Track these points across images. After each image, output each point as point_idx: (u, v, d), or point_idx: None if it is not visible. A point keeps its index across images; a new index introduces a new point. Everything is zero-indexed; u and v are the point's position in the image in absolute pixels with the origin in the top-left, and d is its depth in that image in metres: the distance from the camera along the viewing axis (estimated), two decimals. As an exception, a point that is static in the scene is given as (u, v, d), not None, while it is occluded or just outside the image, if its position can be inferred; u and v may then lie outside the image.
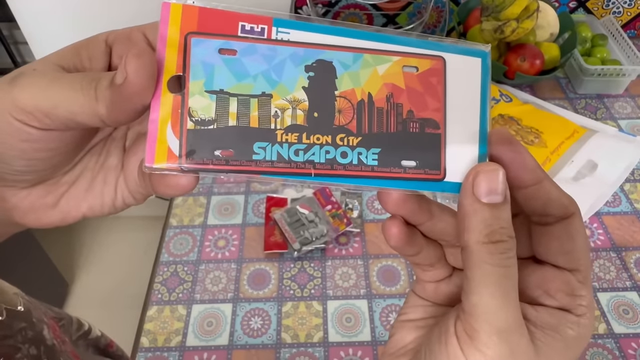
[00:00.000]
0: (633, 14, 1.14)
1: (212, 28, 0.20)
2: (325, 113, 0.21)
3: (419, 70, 0.22)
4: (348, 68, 0.21)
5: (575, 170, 0.84)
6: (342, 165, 0.21)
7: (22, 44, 1.43)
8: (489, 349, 0.19)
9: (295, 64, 0.20)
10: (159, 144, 0.19)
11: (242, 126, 0.20)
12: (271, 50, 0.20)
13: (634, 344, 0.67)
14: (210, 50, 0.20)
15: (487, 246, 0.20)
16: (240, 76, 0.20)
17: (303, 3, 1.13)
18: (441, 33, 1.15)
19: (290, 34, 0.20)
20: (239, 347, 0.68)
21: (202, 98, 0.20)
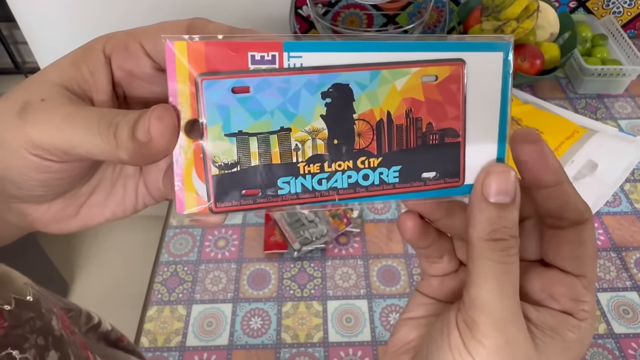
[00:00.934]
0: (633, 14, 1.14)
1: (221, 64, 0.19)
2: (345, 139, 0.21)
3: (438, 79, 0.21)
4: (365, 88, 0.20)
5: (576, 170, 0.83)
6: (365, 187, 0.21)
7: (22, 44, 1.43)
8: (486, 339, 0.20)
9: (311, 93, 0.20)
10: (187, 190, 0.20)
11: (264, 164, 0.20)
12: (285, 81, 0.20)
13: (634, 344, 0.67)
14: (223, 91, 0.19)
15: (489, 243, 0.20)
16: (257, 114, 0.20)
17: (303, 3, 1.13)
18: (441, 33, 1.15)
19: (302, 57, 0.19)
20: (239, 347, 0.68)
21: (222, 142, 0.20)
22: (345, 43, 0.19)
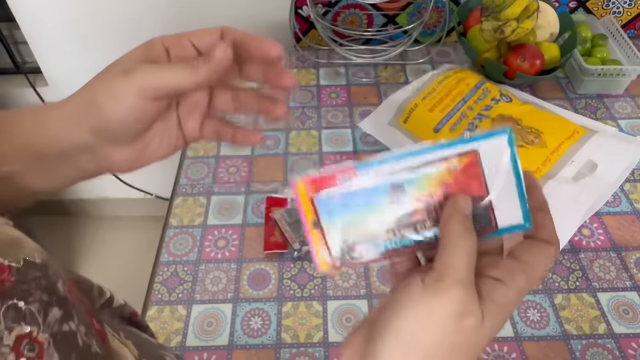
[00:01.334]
0: (633, 14, 1.14)
1: (323, 185, 0.30)
2: (406, 221, 0.31)
3: (460, 166, 0.29)
4: (413, 183, 0.30)
5: (576, 170, 0.83)
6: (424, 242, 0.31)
7: (22, 44, 1.42)
8: (451, 291, 0.27)
9: (379, 194, 0.30)
10: (320, 259, 0.31)
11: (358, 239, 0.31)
12: (362, 190, 0.30)
13: (634, 344, 0.67)
14: (328, 202, 0.30)
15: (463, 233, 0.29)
16: (350, 211, 0.30)
17: (303, 3, 1.13)
18: (441, 33, 1.15)
19: (369, 171, 0.30)
20: (239, 347, 0.68)
21: (333, 232, 0.30)
22: (394, 156, 0.30)
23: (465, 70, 1.04)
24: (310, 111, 1.03)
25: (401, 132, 0.95)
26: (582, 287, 0.74)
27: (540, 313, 0.71)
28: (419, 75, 1.07)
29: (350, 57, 1.13)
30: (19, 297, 0.23)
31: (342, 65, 1.15)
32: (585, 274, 0.75)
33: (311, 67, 1.15)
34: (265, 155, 0.94)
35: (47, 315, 0.25)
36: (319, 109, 1.04)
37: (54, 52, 1.34)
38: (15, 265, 0.24)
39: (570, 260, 0.77)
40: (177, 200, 0.88)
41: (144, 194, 1.73)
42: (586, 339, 0.68)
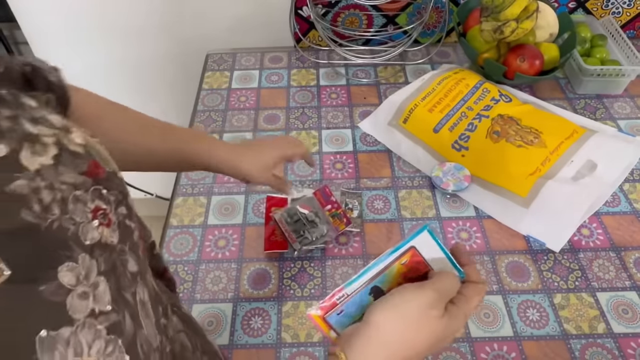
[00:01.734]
0: (632, 14, 1.15)
1: (329, 308, 0.43)
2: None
3: (408, 259, 0.44)
4: (384, 281, 0.44)
5: (575, 170, 0.84)
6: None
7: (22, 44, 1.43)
8: (429, 290, 0.41)
9: (365, 296, 0.43)
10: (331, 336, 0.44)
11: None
12: (352, 300, 0.43)
13: (633, 344, 0.67)
14: (334, 316, 0.43)
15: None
16: (349, 314, 0.44)
17: (303, 3, 1.13)
18: (441, 33, 1.16)
19: (353, 285, 0.43)
20: (239, 347, 0.69)
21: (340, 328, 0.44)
22: (366, 269, 0.43)
23: (465, 71, 1.04)
24: (310, 111, 1.04)
25: (401, 132, 0.95)
26: (581, 287, 0.74)
27: (540, 313, 0.71)
28: (419, 75, 1.07)
29: (350, 58, 1.13)
30: (104, 187, 0.33)
31: (342, 65, 1.15)
32: (585, 273, 0.75)
33: (311, 67, 1.15)
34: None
35: (118, 207, 0.34)
36: (319, 109, 1.04)
37: (55, 52, 1.34)
38: (107, 169, 0.34)
39: (569, 260, 0.77)
40: (178, 200, 0.88)
41: (145, 193, 1.73)
42: (585, 338, 0.68)
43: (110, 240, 0.32)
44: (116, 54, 1.33)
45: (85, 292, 0.29)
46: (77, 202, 0.30)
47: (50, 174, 0.30)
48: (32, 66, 0.43)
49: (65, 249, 0.29)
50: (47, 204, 0.29)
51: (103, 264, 0.31)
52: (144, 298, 0.35)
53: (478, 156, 0.88)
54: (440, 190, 0.86)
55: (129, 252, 0.34)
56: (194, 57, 1.26)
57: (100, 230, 0.31)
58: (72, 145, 0.32)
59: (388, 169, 0.92)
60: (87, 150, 0.33)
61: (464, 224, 0.82)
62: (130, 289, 0.33)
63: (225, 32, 1.27)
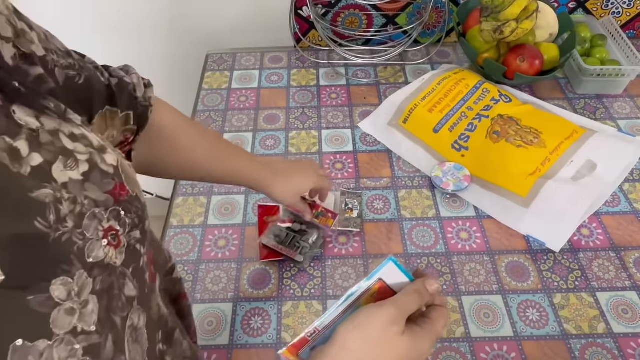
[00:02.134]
0: (632, 15, 1.15)
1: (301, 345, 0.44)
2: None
3: (376, 290, 0.45)
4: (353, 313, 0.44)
5: (575, 170, 0.84)
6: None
7: (22, 45, 1.43)
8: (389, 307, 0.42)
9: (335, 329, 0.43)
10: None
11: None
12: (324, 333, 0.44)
13: (633, 344, 0.68)
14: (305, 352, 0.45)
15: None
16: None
17: (303, 4, 1.13)
18: (441, 33, 1.16)
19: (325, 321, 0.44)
20: (239, 347, 0.69)
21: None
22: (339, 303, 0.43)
23: (465, 71, 1.04)
24: (310, 111, 1.04)
25: (401, 133, 0.95)
26: (581, 287, 0.74)
27: (540, 313, 0.71)
28: (419, 75, 1.07)
29: (350, 58, 1.13)
30: (123, 209, 0.35)
31: (342, 65, 1.15)
32: (585, 273, 0.76)
33: (311, 67, 1.15)
34: (266, 155, 0.95)
35: (132, 230, 0.35)
36: (319, 109, 1.04)
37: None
38: (131, 192, 0.36)
39: (569, 260, 0.77)
40: (178, 200, 0.88)
41: (145, 194, 1.73)
42: (585, 338, 0.68)
43: (113, 261, 0.33)
44: (116, 54, 1.33)
45: (72, 308, 0.29)
46: (94, 219, 0.32)
47: (76, 188, 0.31)
48: (119, 79, 0.45)
49: (65, 263, 0.29)
50: (64, 216, 0.30)
51: (99, 284, 0.31)
52: (137, 324, 0.35)
53: (478, 156, 0.88)
54: (440, 190, 0.86)
55: (129, 276, 0.35)
56: (194, 57, 1.26)
57: (107, 250, 0.32)
58: (104, 165, 0.34)
59: (388, 169, 0.92)
60: (117, 172, 0.35)
61: (464, 224, 0.82)
62: (121, 313, 0.33)
63: (225, 32, 1.27)
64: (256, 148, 0.96)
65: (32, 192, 0.29)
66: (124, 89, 0.47)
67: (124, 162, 0.37)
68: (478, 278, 0.75)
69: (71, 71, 0.40)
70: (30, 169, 0.29)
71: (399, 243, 0.80)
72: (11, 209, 0.28)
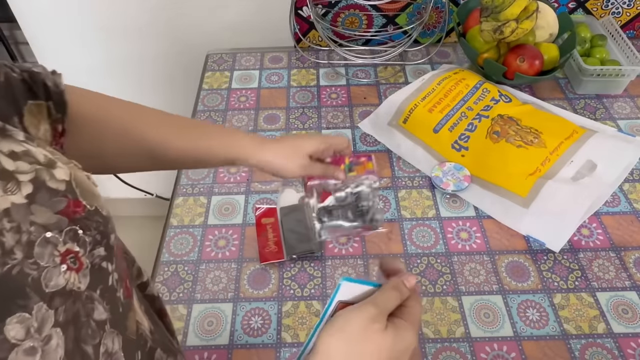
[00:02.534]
0: (632, 15, 1.15)
1: None
2: None
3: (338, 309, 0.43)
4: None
5: (575, 171, 0.84)
6: None
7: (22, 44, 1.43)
8: (369, 306, 0.41)
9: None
10: None
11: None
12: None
13: (633, 344, 0.68)
14: None
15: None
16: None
17: (303, 4, 1.13)
18: (441, 33, 1.16)
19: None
20: (239, 347, 0.69)
21: None
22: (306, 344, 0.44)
23: (465, 71, 1.04)
24: (310, 111, 1.04)
25: (401, 133, 0.95)
26: (581, 287, 0.74)
27: (540, 313, 0.71)
28: (419, 75, 1.07)
29: (350, 58, 1.13)
30: (81, 227, 0.32)
31: (342, 65, 1.15)
32: (585, 273, 0.76)
33: (311, 67, 1.15)
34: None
35: (94, 248, 0.32)
36: (319, 109, 1.04)
37: (55, 52, 1.34)
38: (88, 207, 0.33)
39: (569, 260, 0.77)
40: (178, 200, 0.88)
41: (145, 194, 1.73)
42: (585, 338, 0.68)
43: (77, 286, 0.30)
44: (116, 54, 1.34)
45: (32, 347, 0.26)
46: (47, 245, 0.29)
47: (20, 214, 0.28)
48: (29, 72, 0.42)
49: (20, 298, 0.27)
50: (10, 248, 0.27)
51: (62, 314, 0.29)
52: (112, 349, 0.33)
53: (478, 156, 0.88)
54: (440, 190, 0.86)
55: (97, 299, 0.32)
56: (194, 57, 1.26)
57: (67, 276, 0.29)
58: (52, 182, 0.31)
59: (388, 169, 0.92)
60: (69, 187, 0.32)
61: (464, 224, 0.82)
62: (92, 341, 0.31)
63: (225, 32, 1.27)
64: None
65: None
66: (37, 79, 0.43)
67: (79, 175, 0.34)
68: (478, 278, 0.75)
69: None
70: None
71: (399, 243, 0.80)
72: None
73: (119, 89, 1.40)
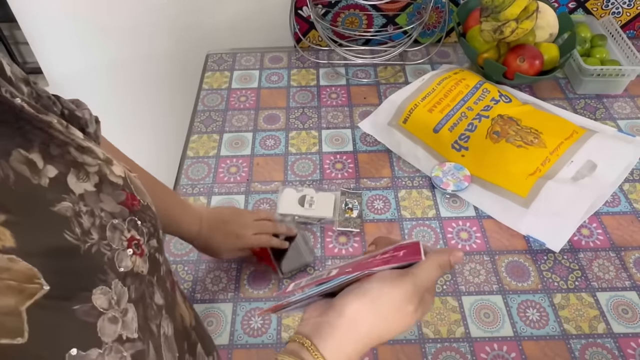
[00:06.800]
0: (632, 15, 1.15)
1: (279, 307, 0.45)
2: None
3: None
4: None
5: (575, 171, 0.84)
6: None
7: (22, 44, 1.43)
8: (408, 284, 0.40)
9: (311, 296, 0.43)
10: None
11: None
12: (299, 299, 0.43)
13: (633, 344, 0.68)
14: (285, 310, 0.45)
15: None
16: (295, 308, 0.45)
17: (303, 4, 1.13)
18: (441, 33, 1.16)
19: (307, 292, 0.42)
20: (239, 347, 0.69)
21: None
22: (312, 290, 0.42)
23: (465, 71, 1.04)
24: (310, 111, 1.04)
25: (401, 133, 0.95)
26: (581, 287, 0.74)
27: (540, 313, 0.71)
28: (419, 75, 1.07)
29: (350, 58, 1.13)
30: (139, 218, 0.35)
31: (342, 65, 1.15)
32: (585, 273, 0.76)
33: (311, 67, 1.15)
34: (265, 155, 0.95)
35: (150, 239, 0.36)
36: (319, 109, 1.04)
37: (55, 52, 1.34)
38: (142, 202, 0.36)
39: (569, 260, 0.77)
40: (178, 200, 0.88)
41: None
42: (585, 338, 0.68)
43: (141, 270, 0.33)
44: (116, 53, 1.33)
45: (115, 317, 0.30)
46: (115, 230, 0.32)
47: (92, 200, 0.32)
48: (69, 111, 0.42)
49: (101, 273, 0.30)
50: (87, 229, 0.30)
51: (134, 292, 0.32)
52: (167, 332, 0.35)
53: (478, 156, 0.88)
54: (440, 190, 0.86)
55: (156, 284, 0.35)
56: (194, 57, 1.26)
57: (134, 259, 0.33)
58: (112, 177, 0.34)
59: (388, 169, 0.92)
60: (126, 183, 0.35)
61: (464, 224, 0.82)
62: (155, 321, 0.34)
63: (225, 32, 1.27)
64: (256, 148, 0.96)
65: (53, 206, 0.29)
66: (75, 122, 0.43)
67: (130, 174, 0.37)
68: (478, 278, 0.75)
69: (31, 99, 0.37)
70: (48, 181, 0.30)
71: (399, 243, 0.80)
72: (40, 223, 0.28)
73: (119, 89, 1.40)
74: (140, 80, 1.40)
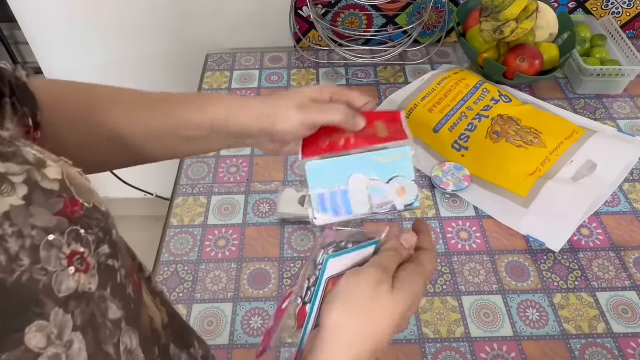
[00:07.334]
0: (632, 15, 1.15)
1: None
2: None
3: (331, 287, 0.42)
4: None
5: (575, 171, 0.84)
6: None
7: (23, 44, 1.43)
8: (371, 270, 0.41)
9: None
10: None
11: None
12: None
13: (633, 344, 0.68)
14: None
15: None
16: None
17: (303, 4, 1.13)
18: (441, 33, 1.16)
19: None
20: (239, 347, 0.69)
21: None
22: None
23: (465, 71, 1.04)
24: (310, 111, 1.04)
25: (401, 133, 0.95)
26: (581, 287, 0.74)
27: (540, 313, 0.71)
28: (419, 75, 1.07)
29: (350, 58, 1.13)
30: (82, 226, 0.30)
31: (342, 65, 1.15)
32: (585, 273, 0.76)
33: (311, 67, 1.15)
34: (266, 155, 0.95)
35: (99, 247, 0.31)
36: (319, 109, 1.04)
37: (55, 52, 1.34)
38: (86, 205, 0.31)
39: (569, 260, 0.77)
40: (178, 200, 0.88)
41: (145, 194, 1.73)
42: (585, 338, 0.68)
43: (88, 287, 0.29)
44: (116, 54, 1.34)
45: (57, 354, 0.26)
46: (52, 248, 0.28)
47: (20, 217, 0.27)
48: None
49: (35, 305, 0.26)
50: (15, 254, 0.26)
51: (79, 317, 0.28)
52: (131, 346, 0.32)
53: (478, 156, 0.88)
54: (440, 190, 0.86)
55: (110, 298, 0.31)
56: (194, 57, 1.26)
57: (77, 278, 0.28)
58: (46, 182, 0.29)
59: (388, 169, 0.92)
60: (64, 186, 0.30)
61: (464, 224, 0.82)
62: (112, 340, 0.30)
63: (225, 32, 1.27)
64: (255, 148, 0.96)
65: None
66: (3, 76, 0.40)
67: (71, 172, 0.32)
68: (478, 278, 0.75)
69: None
70: None
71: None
72: None
73: (119, 89, 1.40)
74: (141, 81, 1.40)
